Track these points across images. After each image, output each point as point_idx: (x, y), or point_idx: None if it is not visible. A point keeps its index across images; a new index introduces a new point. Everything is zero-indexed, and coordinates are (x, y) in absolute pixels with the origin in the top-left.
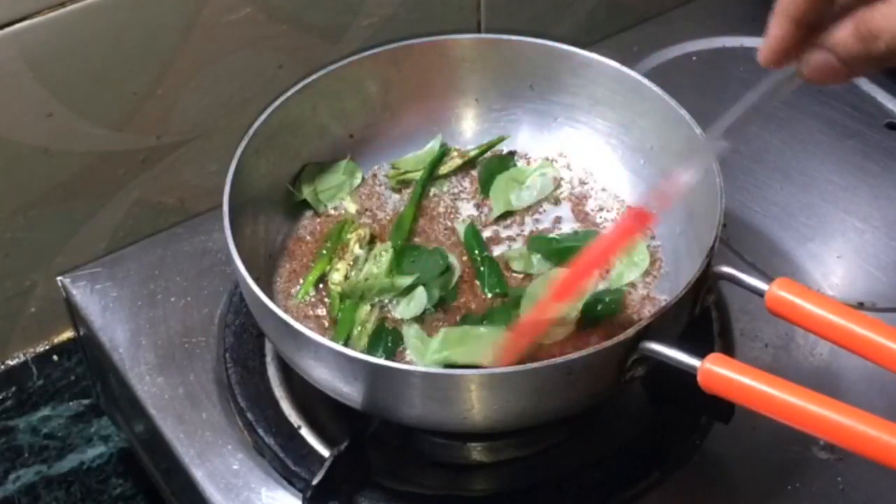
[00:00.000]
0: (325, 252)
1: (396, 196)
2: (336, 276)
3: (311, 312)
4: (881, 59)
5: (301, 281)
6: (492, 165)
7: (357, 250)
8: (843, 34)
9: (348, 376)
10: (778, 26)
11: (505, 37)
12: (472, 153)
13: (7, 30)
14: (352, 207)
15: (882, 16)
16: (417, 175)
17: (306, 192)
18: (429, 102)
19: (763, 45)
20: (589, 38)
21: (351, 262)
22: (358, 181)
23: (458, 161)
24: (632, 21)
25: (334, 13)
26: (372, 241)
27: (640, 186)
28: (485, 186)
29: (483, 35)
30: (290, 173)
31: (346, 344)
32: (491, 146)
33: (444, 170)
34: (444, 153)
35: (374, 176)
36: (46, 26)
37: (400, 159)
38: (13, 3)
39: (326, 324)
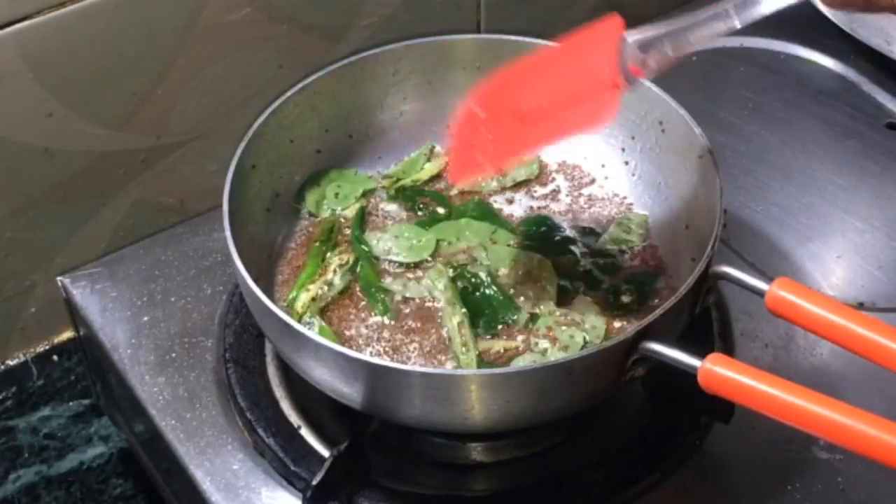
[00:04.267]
0: (314, 255)
1: (394, 204)
2: (304, 297)
3: None
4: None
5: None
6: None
7: (336, 279)
8: None
9: (348, 376)
10: None
11: (505, 37)
12: None
13: (7, 30)
14: (352, 212)
15: None
16: (410, 181)
17: (310, 202)
18: (429, 103)
19: None
20: None
21: (324, 287)
22: (360, 188)
23: (444, 159)
24: (632, 21)
25: (334, 13)
26: (355, 265)
27: (640, 187)
28: None
29: (483, 35)
30: (290, 173)
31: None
32: None
33: (433, 169)
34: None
35: (375, 178)
36: (46, 26)
37: (391, 168)
38: (13, 3)
39: None
